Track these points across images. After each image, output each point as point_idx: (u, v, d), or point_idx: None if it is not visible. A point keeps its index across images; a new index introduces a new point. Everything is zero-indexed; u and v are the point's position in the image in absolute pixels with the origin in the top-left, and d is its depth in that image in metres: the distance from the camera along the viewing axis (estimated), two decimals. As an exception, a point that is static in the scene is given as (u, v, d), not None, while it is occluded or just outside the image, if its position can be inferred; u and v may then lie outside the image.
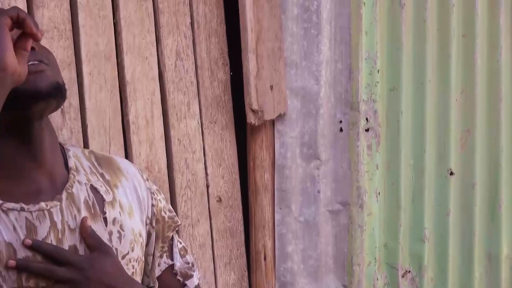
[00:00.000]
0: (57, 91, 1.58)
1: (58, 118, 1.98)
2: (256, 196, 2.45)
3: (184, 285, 1.82)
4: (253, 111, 2.36)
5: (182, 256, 1.83)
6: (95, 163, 1.74)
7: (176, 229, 1.85)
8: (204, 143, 2.32)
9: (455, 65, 2.77)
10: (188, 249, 2.23)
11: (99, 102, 2.08)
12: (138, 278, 1.72)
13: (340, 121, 2.56)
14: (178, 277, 1.82)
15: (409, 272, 2.75)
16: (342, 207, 2.57)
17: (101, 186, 1.68)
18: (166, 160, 2.23)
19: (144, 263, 1.76)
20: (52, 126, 1.66)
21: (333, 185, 2.56)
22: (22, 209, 1.54)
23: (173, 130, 2.24)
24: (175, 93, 2.25)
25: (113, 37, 2.12)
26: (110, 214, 1.66)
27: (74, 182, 1.64)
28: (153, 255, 1.78)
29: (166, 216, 1.80)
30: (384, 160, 2.66)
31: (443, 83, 2.76)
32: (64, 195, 1.61)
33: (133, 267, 1.68)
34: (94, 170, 1.72)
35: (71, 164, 1.68)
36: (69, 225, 1.59)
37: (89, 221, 1.60)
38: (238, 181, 2.41)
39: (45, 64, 1.57)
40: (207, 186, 2.33)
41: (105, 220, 1.64)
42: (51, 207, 1.58)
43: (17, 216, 1.53)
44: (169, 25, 2.24)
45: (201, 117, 2.31)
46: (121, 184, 1.74)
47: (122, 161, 1.82)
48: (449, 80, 2.76)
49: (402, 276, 2.72)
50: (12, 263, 1.50)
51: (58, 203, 1.59)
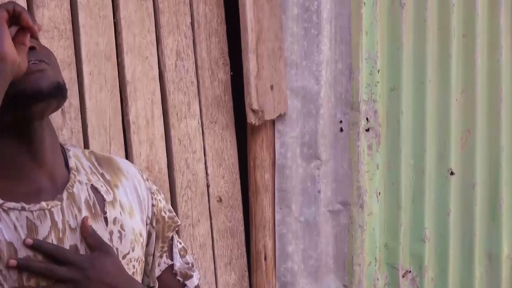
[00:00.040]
0: (58, 91, 1.57)
1: (58, 118, 1.98)
2: (257, 196, 2.44)
3: (184, 285, 1.82)
4: (253, 111, 2.36)
5: (182, 256, 1.83)
6: (95, 163, 1.74)
7: (176, 229, 1.85)
8: (204, 143, 2.32)
9: (456, 65, 2.77)
10: (189, 249, 2.23)
11: (100, 102, 2.08)
12: (139, 278, 1.72)
13: (341, 121, 2.56)
14: (178, 277, 1.82)
15: (409, 272, 2.74)
16: (342, 207, 2.57)
17: (101, 186, 1.68)
18: (166, 160, 2.23)
19: (144, 263, 1.76)
20: (53, 126, 1.66)
21: (333, 185, 2.56)
22: (23, 209, 1.54)
23: (173, 130, 2.24)
24: (176, 93, 2.25)
25: (113, 37, 2.12)
26: (110, 214, 1.66)
27: (74, 182, 1.64)
28: (153, 255, 1.78)
29: (166, 216, 1.80)
30: (385, 160, 2.66)
31: (443, 83, 2.76)
32: (65, 195, 1.61)
33: (133, 266, 1.68)
34: (95, 170, 1.72)
35: (72, 164, 1.68)
36: (70, 225, 1.59)
37: (90, 221, 1.60)
38: (238, 181, 2.41)
39: (46, 63, 1.56)
40: (208, 186, 2.33)
41: (105, 219, 1.64)
42: (52, 206, 1.58)
43: (18, 216, 1.53)
44: (170, 25, 2.24)
45: (201, 117, 2.31)
46: (121, 184, 1.73)
47: (122, 161, 1.82)
48: (450, 80, 2.76)
49: (403, 276, 2.72)
50: (13, 263, 1.50)
51: (59, 203, 1.59)
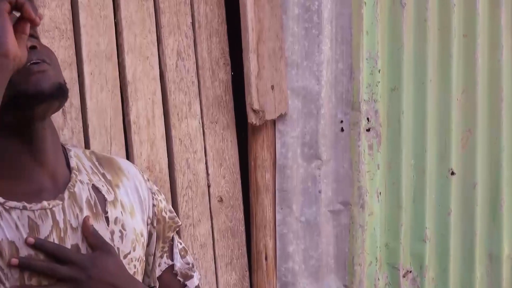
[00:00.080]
0: (59, 92, 1.58)
1: (59, 118, 1.98)
2: (257, 196, 2.44)
3: (185, 285, 1.82)
4: (254, 111, 2.36)
5: (183, 257, 1.83)
6: (96, 163, 1.74)
7: (177, 229, 1.84)
8: (205, 143, 2.32)
9: (456, 65, 2.77)
10: (189, 249, 2.23)
11: (100, 102, 2.08)
12: (140, 278, 1.72)
13: (341, 121, 2.56)
14: (179, 278, 1.82)
15: (410, 272, 2.74)
16: (343, 207, 2.57)
17: (102, 185, 1.68)
18: (167, 160, 2.23)
19: (145, 263, 1.76)
20: (54, 126, 1.66)
21: (334, 185, 2.56)
22: (25, 208, 1.54)
23: (174, 130, 2.24)
24: (176, 93, 2.25)
25: (114, 37, 2.12)
26: (111, 213, 1.65)
27: (76, 182, 1.64)
28: (154, 255, 1.78)
29: (166, 217, 1.80)
30: (385, 160, 2.66)
31: (444, 82, 2.76)
32: (66, 194, 1.61)
33: (134, 266, 1.68)
34: (96, 170, 1.72)
35: (73, 164, 1.68)
36: (71, 224, 1.59)
37: (91, 220, 1.60)
38: (239, 181, 2.41)
39: (47, 64, 1.56)
40: (208, 186, 2.33)
41: (107, 219, 1.64)
42: (54, 206, 1.58)
43: (20, 215, 1.53)
44: (170, 25, 2.24)
45: (202, 117, 2.31)
46: (122, 184, 1.73)
47: (123, 161, 1.83)
48: (450, 80, 2.76)
49: (403, 276, 2.72)
50: (15, 261, 1.50)
51: (61, 202, 1.59)
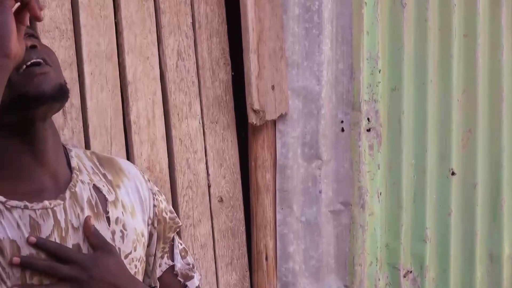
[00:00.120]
0: (61, 93, 1.58)
1: (59, 118, 1.98)
2: (258, 196, 2.44)
3: (185, 286, 1.82)
4: (254, 111, 2.36)
5: (183, 257, 1.84)
6: (97, 163, 1.74)
7: (177, 230, 1.85)
8: (205, 143, 2.32)
9: (457, 65, 2.77)
10: (190, 249, 2.23)
11: (101, 102, 2.07)
12: (140, 278, 1.72)
13: (342, 121, 2.55)
14: (179, 278, 1.82)
15: (410, 272, 2.74)
16: (343, 207, 2.57)
17: (103, 186, 1.68)
18: (167, 160, 2.23)
19: (145, 263, 1.76)
20: (55, 127, 1.66)
21: (334, 185, 2.55)
22: (26, 207, 1.54)
23: (174, 130, 2.24)
24: (177, 93, 2.25)
25: (114, 37, 2.12)
26: (112, 213, 1.66)
27: (77, 182, 1.64)
28: (154, 255, 1.78)
29: (167, 217, 1.80)
30: (386, 160, 2.66)
31: (444, 83, 2.76)
32: (67, 194, 1.61)
33: (135, 266, 1.68)
34: (96, 170, 1.72)
35: (74, 164, 1.68)
36: (72, 224, 1.59)
37: (92, 220, 1.60)
38: (239, 181, 2.41)
39: (48, 65, 1.56)
40: (209, 186, 2.33)
41: (108, 219, 1.64)
42: (55, 205, 1.58)
43: (21, 214, 1.53)
44: (171, 25, 2.23)
45: (202, 117, 2.31)
46: (123, 184, 1.74)
47: (123, 162, 1.83)
48: (451, 80, 2.76)
49: (404, 276, 2.72)
50: (17, 260, 1.50)
51: (62, 202, 1.59)
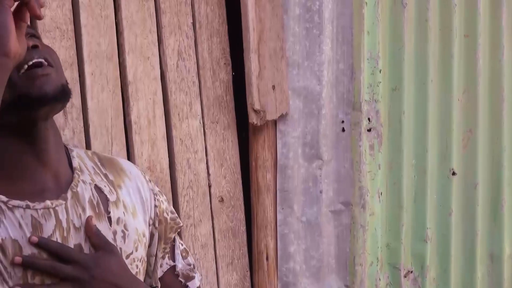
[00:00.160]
0: (63, 94, 1.58)
1: (60, 118, 1.98)
2: (258, 196, 2.44)
3: (186, 286, 1.82)
4: (255, 111, 2.36)
5: (184, 258, 1.84)
6: (99, 163, 1.74)
7: (178, 230, 1.85)
8: (206, 143, 2.32)
9: (457, 65, 2.77)
10: (190, 249, 2.23)
11: (101, 102, 2.07)
12: (142, 278, 1.72)
13: (342, 121, 2.55)
14: (180, 279, 1.82)
15: (411, 272, 2.74)
16: (344, 207, 2.57)
17: (105, 186, 1.69)
18: (168, 160, 2.23)
19: (146, 264, 1.76)
20: (57, 127, 1.66)
21: (335, 185, 2.55)
22: (28, 207, 1.54)
23: (175, 130, 2.24)
24: (177, 93, 2.25)
25: (115, 37, 2.12)
26: (114, 213, 1.66)
27: (78, 182, 1.64)
28: (155, 256, 1.78)
29: (168, 218, 1.81)
30: (386, 160, 2.66)
31: (445, 83, 2.76)
32: (69, 194, 1.61)
33: (137, 266, 1.68)
34: (98, 171, 1.72)
35: (75, 164, 1.68)
36: (74, 224, 1.59)
37: (94, 220, 1.60)
38: (240, 181, 2.41)
39: (50, 65, 1.56)
40: (209, 186, 2.33)
41: (109, 219, 1.64)
42: (57, 205, 1.58)
43: (23, 214, 1.53)
44: (171, 25, 2.23)
45: (203, 117, 2.31)
46: (124, 185, 1.74)
47: (124, 162, 1.83)
48: (451, 80, 2.76)
49: (404, 276, 2.72)
50: (18, 260, 1.50)
51: (64, 202, 1.59)
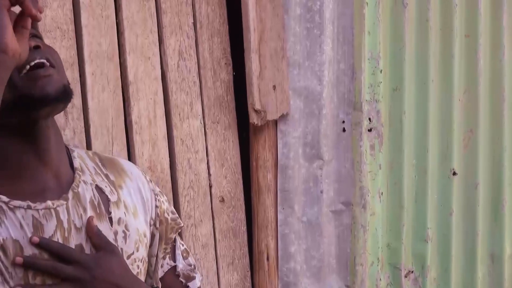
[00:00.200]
0: (64, 94, 1.58)
1: (61, 118, 1.98)
2: (259, 196, 2.44)
3: (187, 286, 1.82)
4: (255, 111, 2.36)
5: (185, 258, 1.84)
6: (99, 164, 1.74)
7: (179, 231, 1.85)
8: (207, 143, 2.32)
9: (458, 65, 2.77)
10: (191, 249, 2.23)
11: (102, 102, 2.07)
12: (143, 278, 1.72)
13: (343, 121, 2.55)
14: (181, 279, 1.82)
15: (412, 272, 2.74)
16: (345, 207, 2.57)
17: (106, 186, 1.69)
18: (169, 160, 2.23)
19: (147, 264, 1.76)
20: (58, 126, 1.66)
21: (336, 185, 2.55)
22: (29, 207, 1.54)
23: (175, 130, 2.24)
24: (178, 93, 2.25)
25: (115, 37, 2.12)
26: (115, 214, 1.66)
27: (79, 182, 1.64)
28: (156, 256, 1.78)
29: (169, 218, 1.81)
30: (387, 160, 2.66)
31: (446, 83, 2.76)
32: (70, 195, 1.61)
33: (138, 267, 1.68)
34: (99, 171, 1.72)
35: (76, 164, 1.68)
36: (75, 224, 1.59)
37: (95, 221, 1.61)
38: (241, 181, 2.41)
39: (52, 66, 1.56)
40: (210, 186, 2.33)
41: (110, 220, 1.64)
42: (58, 205, 1.58)
43: (24, 214, 1.53)
44: (172, 25, 2.23)
45: (203, 117, 2.31)
46: (125, 185, 1.74)
47: (125, 162, 1.83)
48: (452, 80, 2.76)
49: (405, 276, 2.72)
50: (20, 260, 1.50)
51: (65, 202, 1.59)
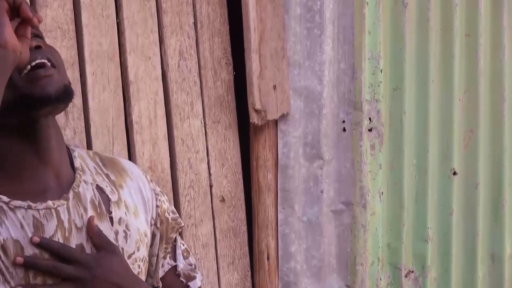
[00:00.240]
0: (65, 94, 1.58)
1: (61, 118, 1.98)
2: (259, 196, 2.44)
3: (187, 286, 1.82)
4: (256, 111, 2.36)
5: (185, 258, 1.84)
6: (100, 163, 1.74)
7: (179, 230, 1.85)
8: (207, 143, 2.32)
9: (458, 65, 2.77)
10: (191, 249, 2.23)
11: (102, 102, 2.07)
12: (144, 278, 1.73)
13: (343, 121, 2.55)
14: (181, 279, 1.82)
15: (412, 272, 2.74)
16: (345, 207, 2.57)
17: (106, 186, 1.69)
18: (169, 160, 2.23)
19: (148, 264, 1.76)
20: (59, 126, 1.67)
21: (336, 185, 2.55)
22: (29, 207, 1.54)
23: (176, 130, 2.24)
24: (178, 93, 2.25)
25: (116, 36, 2.12)
26: (116, 213, 1.66)
27: (80, 182, 1.64)
28: (157, 256, 1.78)
29: (169, 218, 1.81)
30: (387, 160, 2.66)
31: (446, 83, 2.76)
32: (70, 194, 1.61)
33: (138, 266, 1.68)
34: (99, 171, 1.72)
35: (77, 164, 1.68)
36: (76, 224, 1.59)
37: (95, 220, 1.61)
38: (241, 181, 2.41)
39: (53, 65, 1.57)
40: (210, 186, 2.33)
41: (111, 219, 1.64)
42: (58, 205, 1.58)
43: (24, 214, 1.53)
44: (172, 25, 2.23)
45: (204, 117, 2.31)
46: (126, 185, 1.74)
47: (126, 162, 1.83)
48: (452, 80, 2.76)
49: (405, 276, 2.72)
50: (20, 260, 1.50)
51: (65, 202, 1.59)
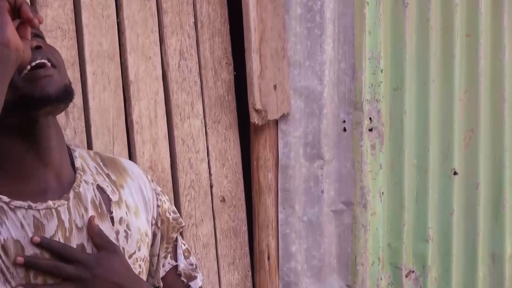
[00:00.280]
0: (66, 94, 1.58)
1: (62, 118, 1.98)
2: (260, 196, 2.44)
3: (188, 286, 1.82)
4: (256, 111, 2.36)
5: (186, 258, 1.84)
6: (101, 163, 1.74)
7: (180, 230, 1.85)
8: (207, 143, 2.32)
9: (459, 65, 2.77)
10: (192, 249, 2.23)
11: (103, 102, 2.07)
12: (144, 278, 1.73)
13: (344, 121, 2.55)
14: (182, 278, 1.82)
15: (412, 272, 2.74)
16: (345, 207, 2.57)
17: (107, 186, 1.69)
18: (169, 160, 2.23)
19: (149, 263, 1.76)
20: (59, 126, 1.66)
21: (336, 185, 2.55)
22: (30, 207, 1.54)
23: (176, 130, 2.24)
24: (179, 92, 2.25)
25: (116, 36, 2.12)
26: (116, 213, 1.66)
27: (81, 182, 1.64)
28: (158, 255, 1.78)
29: (170, 217, 1.81)
30: (388, 160, 2.66)
31: (446, 82, 2.76)
32: (71, 194, 1.61)
33: (139, 266, 1.68)
34: (100, 171, 1.72)
35: (78, 164, 1.68)
36: (76, 224, 1.59)
37: (96, 220, 1.61)
38: (241, 181, 2.41)
39: (53, 65, 1.57)
40: (211, 186, 2.33)
41: (112, 219, 1.64)
42: (59, 205, 1.58)
43: (25, 214, 1.53)
44: (173, 24, 2.23)
45: (204, 117, 2.31)
46: (126, 185, 1.74)
47: (127, 162, 1.83)
48: (453, 80, 2.76)
49: (406, 276, 2.72)
50: (21, 260, 1.50)
51: (66, 202, 1.59)
